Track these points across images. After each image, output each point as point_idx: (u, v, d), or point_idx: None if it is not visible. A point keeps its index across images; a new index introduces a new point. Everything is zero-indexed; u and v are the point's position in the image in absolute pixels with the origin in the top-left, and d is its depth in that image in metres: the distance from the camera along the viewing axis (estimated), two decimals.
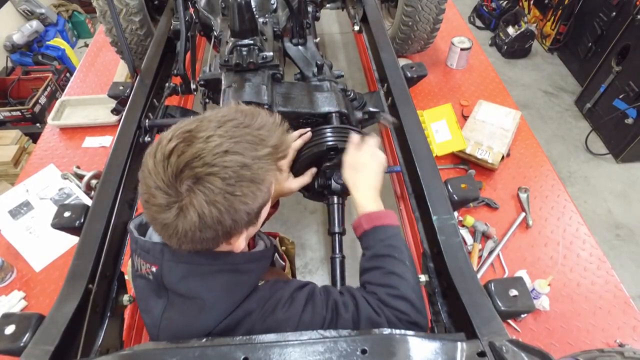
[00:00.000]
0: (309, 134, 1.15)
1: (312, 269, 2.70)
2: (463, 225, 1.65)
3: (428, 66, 2.35)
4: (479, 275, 1.54)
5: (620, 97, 3.19)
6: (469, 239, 1.61)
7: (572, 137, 3.56)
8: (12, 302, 1.45)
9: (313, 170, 1.17)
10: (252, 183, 0.67)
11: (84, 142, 2.04)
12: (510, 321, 1.41)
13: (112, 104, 1.51)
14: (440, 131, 1.91)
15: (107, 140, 2.03)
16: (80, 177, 1.83)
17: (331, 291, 0.83)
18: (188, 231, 0.66)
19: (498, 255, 1.58)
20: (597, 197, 3.14)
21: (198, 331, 0.74)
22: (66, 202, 1.73)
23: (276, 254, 1.10)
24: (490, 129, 1.91)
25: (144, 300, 0.81)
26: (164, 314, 0.76)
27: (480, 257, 1.58)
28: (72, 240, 1.53)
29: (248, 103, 1.23)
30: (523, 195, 1.74)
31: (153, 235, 0.81)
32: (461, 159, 1.89)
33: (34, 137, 3.05)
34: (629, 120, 3.11)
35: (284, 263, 1.13)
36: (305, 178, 1.14)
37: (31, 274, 1.56)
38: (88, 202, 1.74)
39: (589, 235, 1.63)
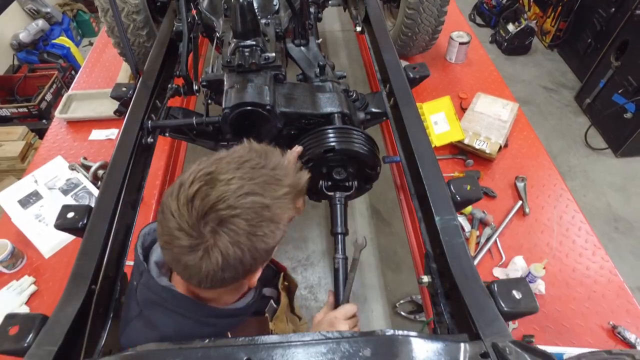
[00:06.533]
0: (299, 148, 1.20)
1: (314, 262, 2.74)
2: (461, 213, 1.69)
3: (427, 60, 2.40)
4: (475, 261, 1.58)
5: (619, 91, 3.22)
6: (466, 226, 1.65)
7: (572, 132, 3.60)
8: (23, 286, 1.50)
9: (298, 148, 1.20)
10: (272, 222, 0.70)
11: (91, 134, 2.09)
12: None
13: None
14: (439, 123, 1.95)
15: (113, 133, 2.08)
16: (87, 168, 1.87)
17: None
18: (210, 271, 0.68)
19: (495, 241, 1.61)
20: (596, 191, 3.17)
21: None
22: (74, 191, 1.78)
23: (271, 301, 1.08)
24: (488, 121, 1.95)
25: (128, 297, 0.87)
26: (134, 321, 0.81)
27: (477, 243, 1.61)
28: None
29: (250, 104, 1.24)
30: (520, 184, 1.77)
31: (154, 252, 0.87)
32: (459, 150, 1.92)
33: (40, 133, 3.11)
34: (628, 115, 3.14)
35: (275, 306, 1.09)
36: None
37: (41, 261, 1.61)
38: (95, 191, 1.78)
39: (584, 222, 1.67)
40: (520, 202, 1.72)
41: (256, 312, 0.98)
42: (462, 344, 0.69)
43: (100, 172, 1.82)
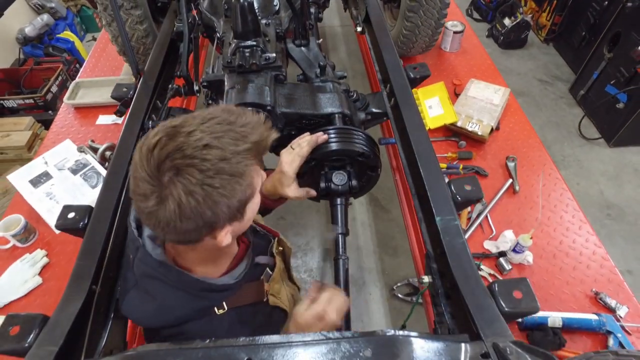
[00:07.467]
0: (325, 136, 1.19)
1: (314, 247, 2.82)
2: None
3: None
4: (467, 235, 1.65)
5: (612, 82, 3.30)
6: None
7: (566, 123, 3.67)
8: (36, 259, 1.57)
9: (312, 192, 1.21)
10: (230, 176, 0.70)
11: (98, 119, 2.16)
12: (495, 272, 1.52)
13: None
14: (433, 107, 2.02)
15: (119, 118, 2.15)
16: (95, 149, 1.94)
17: None
18: (169, 221, 0.69)
19: (486, 217, 1.68)
20: (589, 180, 3.25)
21: (141, 322, 0.87)
22: (83, 171, 1.85)
23: (267, 269, 1.08)
24: (480, 104, 2.02)
25: (125, 269, 0.92)
26: (132, 291, 0.86)
27: (469, 219, 1.69)
28: (90, 203, 1.65)
29: (251, 105, 1.25)
30: (511, 164, 1.84)
31: (147, 228, 0.88)
32: (453, 132, 2.00)
33: (46, 124, 3.18)
34: (620, 105, 3.22)
35: (271, 273, 1.09)
36: (302, 193, 1.20)
37: (52, 236, 1.68)
38: (103, 171, 1.86)
39: (572, 199, 1.74)
40: (510, 181, 1.79)
41: (251, 280, 1.00)
42: (462, 344, 0.69)
43: (108, 153, 1.89)
